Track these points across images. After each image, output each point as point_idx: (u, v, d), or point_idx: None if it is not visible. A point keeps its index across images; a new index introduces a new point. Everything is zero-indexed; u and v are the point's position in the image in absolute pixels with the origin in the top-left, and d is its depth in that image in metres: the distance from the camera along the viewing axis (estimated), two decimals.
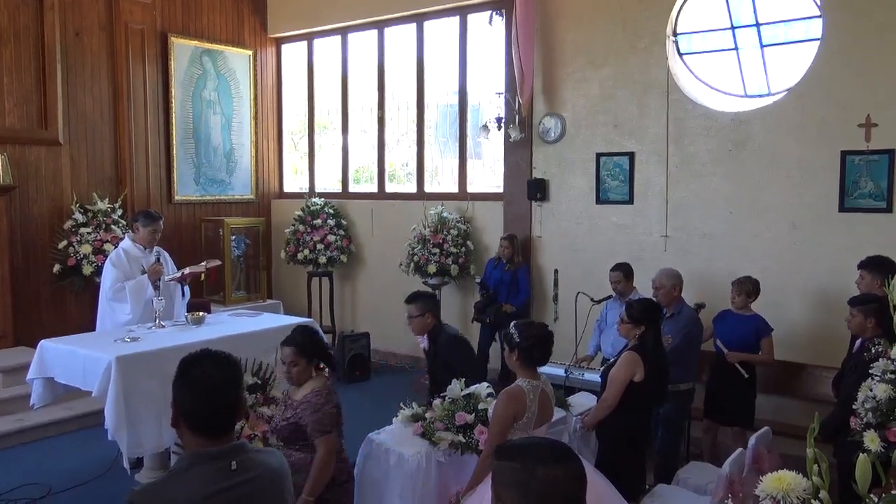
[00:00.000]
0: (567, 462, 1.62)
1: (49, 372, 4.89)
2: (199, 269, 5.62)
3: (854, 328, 4.25)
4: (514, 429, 3.38)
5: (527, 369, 3.46)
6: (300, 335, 3.56)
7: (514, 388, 3.41)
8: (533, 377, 3.45)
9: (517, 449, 1.68)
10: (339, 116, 8.99)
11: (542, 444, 1.71)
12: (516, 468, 1.60)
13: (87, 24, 7.52)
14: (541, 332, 3.49)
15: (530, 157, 7.22)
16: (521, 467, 1.60)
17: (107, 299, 5.51)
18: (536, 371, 3.50)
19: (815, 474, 1.72)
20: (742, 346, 5.13)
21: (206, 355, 2.09)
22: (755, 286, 5.23)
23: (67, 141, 7.41)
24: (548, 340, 3.49)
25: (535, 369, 3.49)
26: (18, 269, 7.00)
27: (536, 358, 3.46)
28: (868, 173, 5.48)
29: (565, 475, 1.60)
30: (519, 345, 3.41)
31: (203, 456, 1.97)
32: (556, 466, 1.59)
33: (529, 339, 3.42)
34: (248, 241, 8.77)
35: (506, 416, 3.36)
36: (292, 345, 3.51)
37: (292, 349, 3.50)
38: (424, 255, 7.44)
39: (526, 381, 3.42)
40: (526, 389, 3.38)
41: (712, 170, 6.21)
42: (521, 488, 1.58)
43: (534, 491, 1.57)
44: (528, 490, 1.58)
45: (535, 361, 3.47)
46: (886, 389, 3.38)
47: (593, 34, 6.76)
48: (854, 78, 5.50)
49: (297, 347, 3.50)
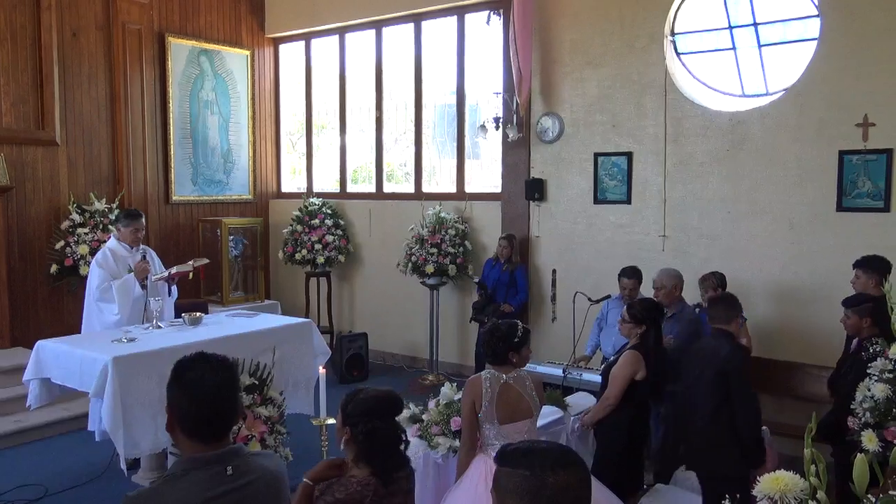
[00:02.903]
0: (575, 467, 1.62)
1: (46, 373, 4.87)
2: (187, 269, 5.57)
3: (850, 329, 4.25)
4: (480, 420, 3.37)
5: (492, 363, 3.48)
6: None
7: (473, 377, 3.48)
8: (500, 370, 3.42)
9: (523, 455, 1.64)
10: (337, 116, 8.98)
11: (548, 450, 1.68)
12: (526, 476, 1.58)
13: (84, 24, 7.50)
14: (493, 328, 3.50)
15: (528, 157, 7.22)
16: (532, 475, 1.58)
17: (94, 300, 5.47)
18: (506, 364, 3.43)
19: (813, 475, 1.71)
20: None
21: (202, 358, 2.05)
22: (720, 280, 5.34)
23: (64, 141, 7.39)
24: (498, 334, 3.44)
25: (503, 363, 3.44)
26: (15, 269, 6.98)
27: (495, 351, 3.44)
28: (866, 173, 5.47)
29: (575, 481, 1.59)
30: (480, 339, 3.49)
31: (199, 461, 1.95)
32: (565, 473, 1.58)
33: (485, 334, 3.56)
34: (246, 241, 8.76)
35: (466, 404, 3.41)
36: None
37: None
38: (422, 255, 7.42)
39: (488, 371, 3.45)
40: (483, 377, 3.40)
41: (710, 169, 6.21)
42: (533, 496, 1.57)
43: (546, 498, 1.56)
44: (540, 498, 1.56)
45: (494, 355, 3.45)
46: (884, 389, 3.38)
47: (591, 34, 6.76)
48: (852, 78, 5.50)
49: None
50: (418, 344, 8.06)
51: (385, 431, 2.67)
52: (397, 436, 2.74)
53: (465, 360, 7.76)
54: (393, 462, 2.68)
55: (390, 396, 2.78)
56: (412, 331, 8.12)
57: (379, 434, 2.64)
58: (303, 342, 5.59)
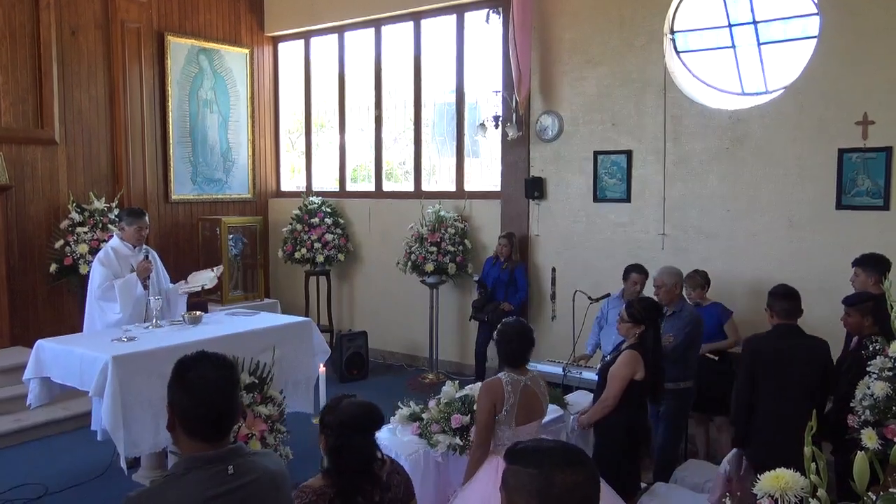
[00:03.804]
0: (584, 466, 1.62)
1: (46, 372, 4.86)
2: (214, 282, 5.72)
3: (850, 327, 4.24)
4: (498, 422, 3.40)
5: (508, 365, 3.49)
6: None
7: (492, 380, 3.47)
8: (517, 372, 3.47)
9: (532, 454, 1.65)
10: (337, 115, 8.97)
11: (556, 449, 1.69)
12: (534, 474, 1.58)
13: (83, 22, 7.49)
14: (517, 328, 3.52)
15: (528, 156, 7.22)
16: (540, 473, 1.58)
17: (95, 298, 5.44)
18: (521, 367, 3.51)
19: (813, 473, 1.71)
20: (707, 336, 5.17)
21: (203, 357, 2.04)
22: (704, 277, 5.44)
23: (64, 140, 7.39)
24: (522, 336, 3.51)
25: (519, 365, 3.50)
26: (15, 268, 6.98)
27: (515, 354, 3.49)
28: (865, 171, 5.48)
29: (583, 480, 1.59)
30: (499, 342, 3.50)
31: (200, 460, 1.94)
32: (574, 472, 1.59)
33: (505, 335, 3.50)
34: (246, 240, 8.75)
35: (485, 407, 3.40)
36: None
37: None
38: (422, 253, 7.42)
39: (506, 374, 3.45)
40: (504, 381, 3.42)
41: (710, 168, 6.21)
42: (541, 495, 1.57)
43: (554, 497, 1.56)
44: (548, 497, 1.56)
45: (514, 357, 3.50)
46: (884, 387, 3.38)
47: (591, 32, 6.76)
48: (851, 76, 5.50)
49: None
50: (418, 342, 8.06)
51: (355, 448, 2.57)
52: (369, 453, 2.63)
53: (464, 358, 7.76)
54: (358, 480, 2.56)
55: (369, 411, 2.66)
56: (412, 329, 8.12)
57: (346, 450, 2.56)
58: (303, 341, 5.59)
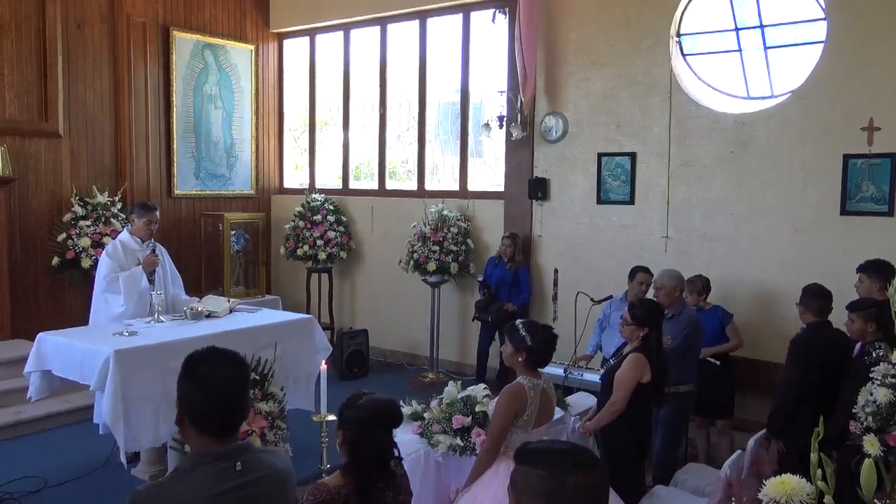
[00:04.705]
0: (594, 469, 1.61)
1: (47, 365, 4.86)
2: (226, 313, 5.57)
3: (854, 333, 4.23)
4: (515, 426, 3.38)
5: (529, 369, 3.46)
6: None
7: (516, 386, 3.42)
8: (534, 376, 3.46)
9: (543, 455, 1.64)
10: (341, 112, 8.96)
11: (567, 451, 1.68)
12: (544, 476, 1.58)
13: (88, 16, 7.49)
14: (549, 334, 3.51)
15: (532, 156, 7.21)
16: (550, 475, 1.57)
17: (101, 290, 5.45)
18: (538, 370, 3.50)
19: (820, 479, 1.70)
20: (709, 339, 5.19)
21: (214, 353, 2.02)
22: (705, 284, 5.45)
23: (67, 133, 7.38)
24: (554, 343, 3.53)
25: (537, 369, 3.50)
26: (17, 261, 6.98)
27: (542, 360, 3.49)
28: (870, 177, 5.47)
29: (593, 482, 1.59)
30: (529, 346, 3.41)
31: (208, 456, 1.94)
32: (584, 474, 1.58)
33: (540, 341, 3.43)
34: (248, 236, 8.74)
35: (507, 413, 3.36)
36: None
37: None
38: (424, 252, 7.42)
39: (527, 379, 3.42)
40: (527, 387, 3.39)
41: (714, 171, 6.20)
42: (550, 497, 1.56)
43: (563, 499, 1.56)
44: (558, 499, 1.56)
45: (540, 363, 3.49)
46: (887, 394, 3.38)
47: (596, 34, 6.75)
48: (857, 81, 5.49)
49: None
50: (419, 341, 8.05)
51: (374, 444, 2.55)
52: (388, 450, 2.61)
53: (465, 358, 7.76)
54: (376, 477, 2.52)
55: (389, 408, 2.63)
56: (413, 328, 8.11)
57: (366, 446, 2.52)
58: (304, 338, 5.58)
